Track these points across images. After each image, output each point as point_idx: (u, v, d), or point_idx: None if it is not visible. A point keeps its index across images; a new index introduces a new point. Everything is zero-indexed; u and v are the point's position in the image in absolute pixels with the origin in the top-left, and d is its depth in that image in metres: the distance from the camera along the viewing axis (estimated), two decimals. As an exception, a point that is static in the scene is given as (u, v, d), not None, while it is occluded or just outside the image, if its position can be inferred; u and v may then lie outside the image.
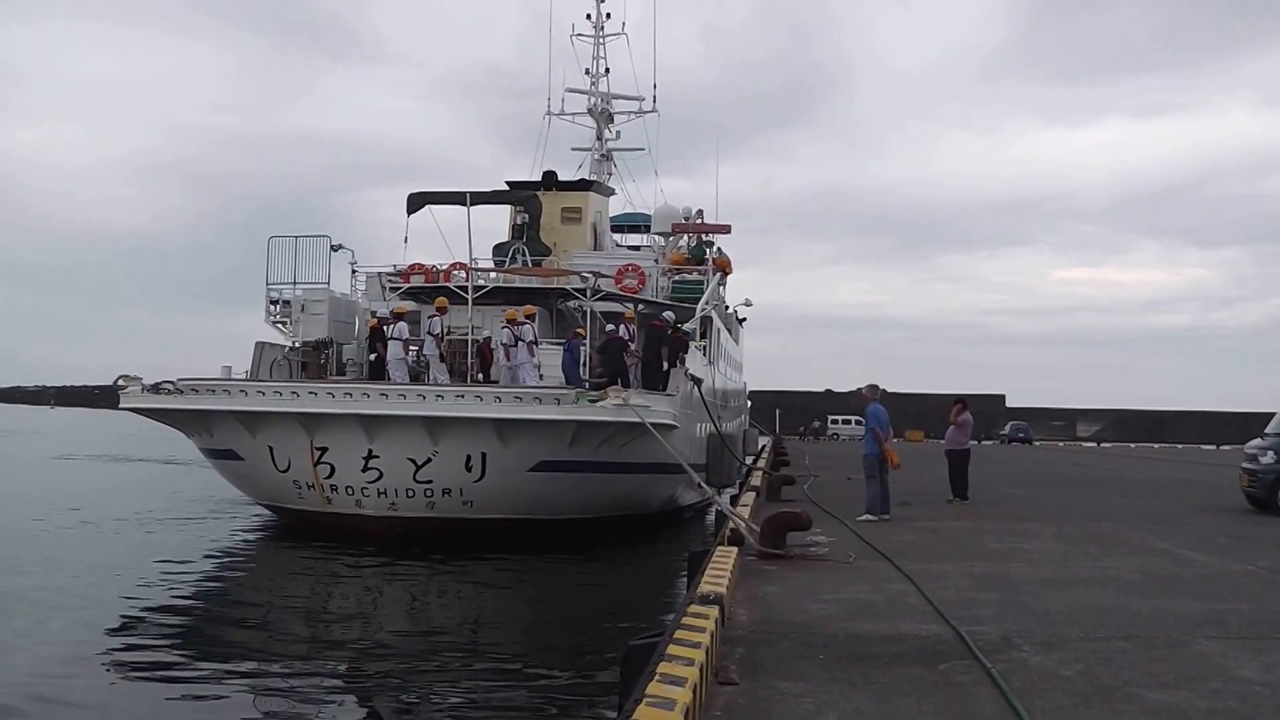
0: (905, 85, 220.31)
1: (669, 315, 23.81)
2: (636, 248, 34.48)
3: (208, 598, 15.41)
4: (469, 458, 18.98)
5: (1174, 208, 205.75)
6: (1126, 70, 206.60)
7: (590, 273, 24.14)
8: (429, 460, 18.96)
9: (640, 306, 25.00)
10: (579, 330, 23.11)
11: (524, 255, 26.89)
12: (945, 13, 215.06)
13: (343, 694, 10.45)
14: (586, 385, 20.54)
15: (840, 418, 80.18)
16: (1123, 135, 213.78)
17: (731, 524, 12.20)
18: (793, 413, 77.42)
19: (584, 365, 22.44)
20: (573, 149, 35.68)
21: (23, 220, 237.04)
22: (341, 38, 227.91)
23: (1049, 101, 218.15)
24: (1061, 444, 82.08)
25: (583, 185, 31.90)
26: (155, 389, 20.71)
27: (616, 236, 34.88)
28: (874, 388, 16.41)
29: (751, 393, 50.55)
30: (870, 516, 15.22)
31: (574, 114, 35.46)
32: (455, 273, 24.06)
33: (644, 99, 36.45)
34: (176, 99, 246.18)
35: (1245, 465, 18.57)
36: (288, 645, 12.45)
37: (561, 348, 22.45)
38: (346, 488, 19.43)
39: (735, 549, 10.57)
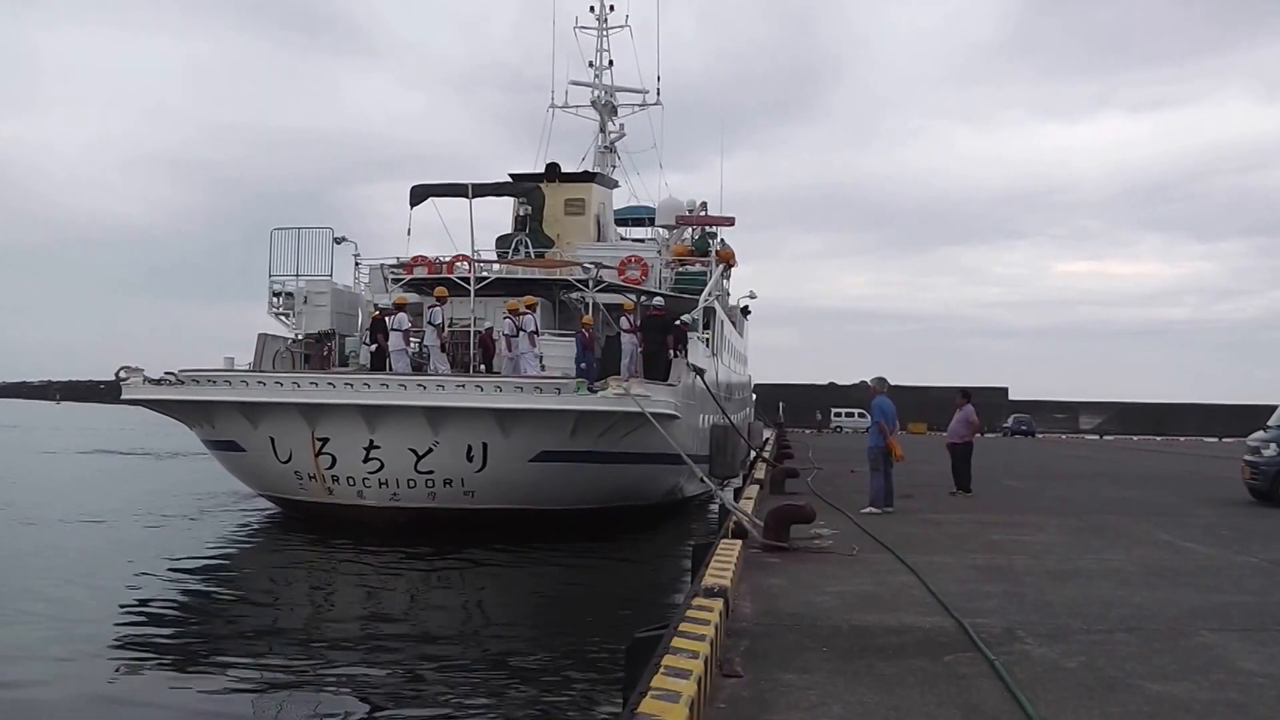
0: (905, 78, 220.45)
1: (659, 301, 23.82)
2: (641, 241, 34.42)
3: (206, 593, 15.35)
4: (470, 448, 18.98)
5: (1174, 201, 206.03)
6: (1125, 63, 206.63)
7: (593, 264, 24.11)
8: (430, 450, 18.97)
9: (641, 298, 25.00)
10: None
11: (527, 247, 26.85)
12: (945, 6, 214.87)
13: (345, 687, 10.44)
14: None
15: (844, 411, 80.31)
16: (1121, 128, 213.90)
17: (735, 517, 12.19)
18: (796, 406, 77.50)
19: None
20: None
21: (28, 214, 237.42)
22: (343, 30, 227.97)
23: (1048, 94, 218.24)
24: (1064, 436, 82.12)
25: (586, 177, 31.80)
26: (157, 381, 20.74)
27: (621, 231, 34.79)
28: (881, 380, 16.41)
29: (756, 385, 50.50)
30: (874, 509, 15.22)
31: (577, 106, 35.38)
32: (458, 264, 24.04)
33: (647, 91, 36.40)
34: (183, 93, 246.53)
35: (1247, 458, 18.57)
36: (289, 638, 12.45)
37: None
38: (348, 478, 19.44)
39: (739, 541, 10.58)
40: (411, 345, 22.49)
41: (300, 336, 24.55)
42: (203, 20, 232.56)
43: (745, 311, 38.27)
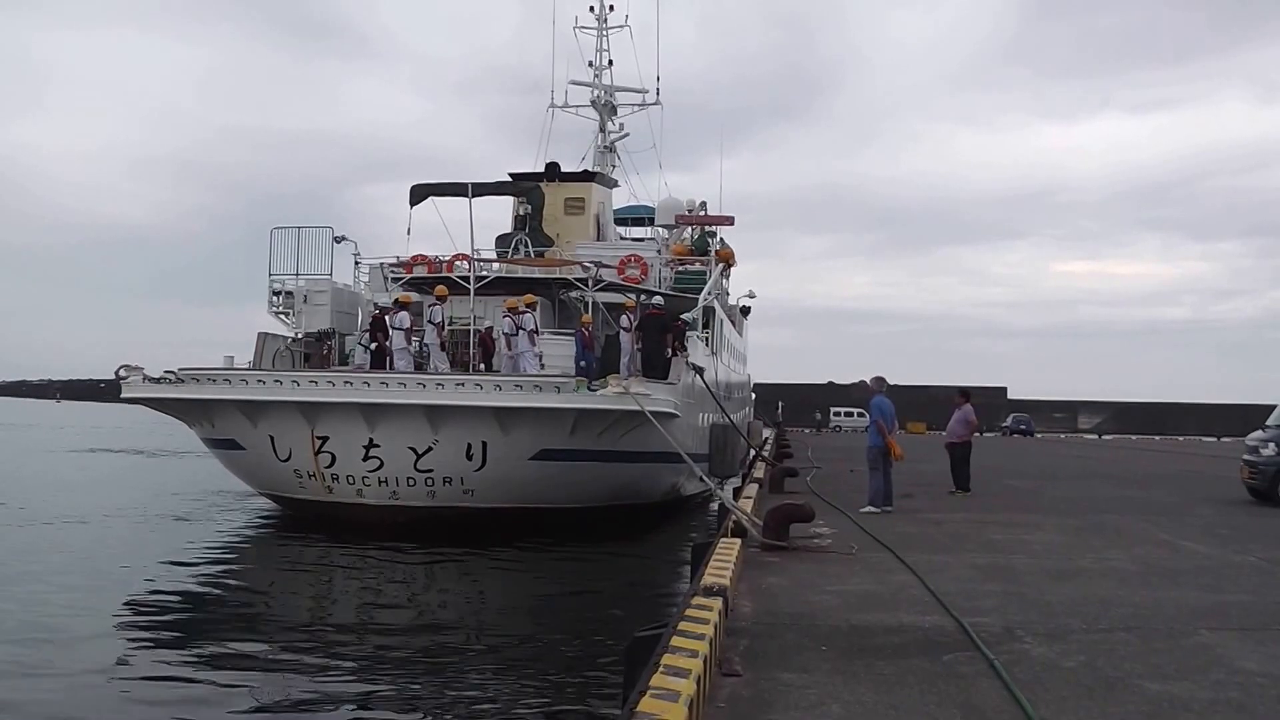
0: (905, 83, 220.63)
1: (658, 300, 23.82)
2: (640, 240, 34.42)
3: (205, 592, 15.33)
4: (469, 446, 18.97)
5: (1172, 201, 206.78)
6: (1124, 65, 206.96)
7: (592, 263, 24.11)
8: (430, 449, 18.96)
9: (641, 297, 25.00)
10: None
11: (527, 246, 26.85)
12: (945, 8, 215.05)
13: (344, 687, 10.43)
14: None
15: (843, 410, 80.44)
16: (1120, 129, 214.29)
17: (734, 516, 12.19)
18: (796, 405, 77.54)
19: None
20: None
21: (33, 216, 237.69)
22: (345, 35, 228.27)
23: (1048, 96, 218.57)
24: (1063, 436, 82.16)
25: (585, 176, 31.79)
26: (157, 379, 20.74)
27: (620, 230, 34.79)
28: (880, 380, 16.41)
29: (756, 385, 50.48)
30: (873, 508, 15.22)
31: (577, 106, 35.35)
32: (458, 263, 24.04)
33: (647, 91, 36.37)
34: (188, 97, 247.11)
35: (1246, 457, 18.57)
36: (288, 637, 12.43)
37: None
38: (347, 477, 19.42)
39: (738, 540, 10.58)
40: (412, 344, 22.48)
41: (300, 335, 24.55)
42: (208, 25, 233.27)
43: (745, 311, 38.26)
